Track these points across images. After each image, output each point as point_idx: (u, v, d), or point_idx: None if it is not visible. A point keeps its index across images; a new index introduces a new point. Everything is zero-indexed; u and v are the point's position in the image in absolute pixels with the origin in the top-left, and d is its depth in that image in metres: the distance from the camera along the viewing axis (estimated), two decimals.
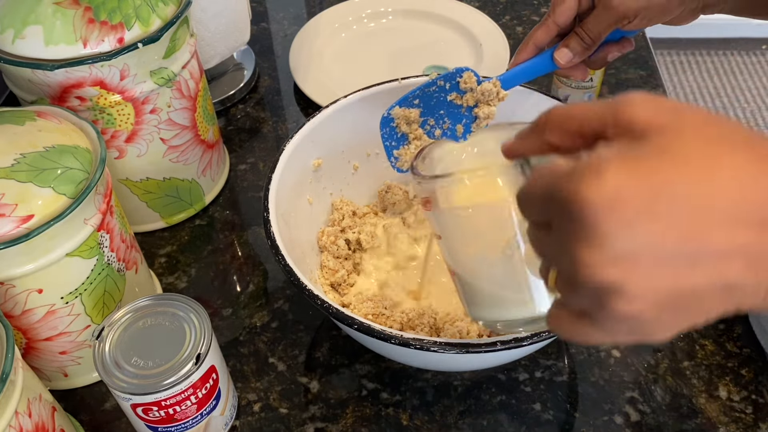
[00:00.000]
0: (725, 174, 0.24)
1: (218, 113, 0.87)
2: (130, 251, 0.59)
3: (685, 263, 0.24)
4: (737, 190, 0.24)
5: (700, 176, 0.24)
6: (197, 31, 0.77)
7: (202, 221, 0.75)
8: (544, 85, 0.89)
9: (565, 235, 0.26)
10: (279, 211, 0.55)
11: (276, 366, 0.62)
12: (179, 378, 0.47)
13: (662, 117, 0.26)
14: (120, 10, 0.58)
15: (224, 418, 0.55)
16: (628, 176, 0.24)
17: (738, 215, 0.24)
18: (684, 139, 0.25)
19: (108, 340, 0.49)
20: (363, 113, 0.64)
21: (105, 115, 0.61)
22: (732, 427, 0.56)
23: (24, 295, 0.51)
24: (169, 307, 0.51)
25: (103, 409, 0.60)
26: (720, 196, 0.24)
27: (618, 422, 0.57)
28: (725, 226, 0.24)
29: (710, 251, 0.24)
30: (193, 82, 0.67)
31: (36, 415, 0.46)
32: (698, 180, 0.24)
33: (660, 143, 0.25)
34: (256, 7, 1.04)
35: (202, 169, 0.73)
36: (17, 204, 0.47)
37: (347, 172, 0.66)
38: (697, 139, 0.25)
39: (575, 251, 0.25)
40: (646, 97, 0.27)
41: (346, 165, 0.66)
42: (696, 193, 0.24)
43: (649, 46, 0.95)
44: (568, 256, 0.26)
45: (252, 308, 0.66)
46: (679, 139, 0.25)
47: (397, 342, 0.45)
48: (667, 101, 0.27)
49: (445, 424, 0.57)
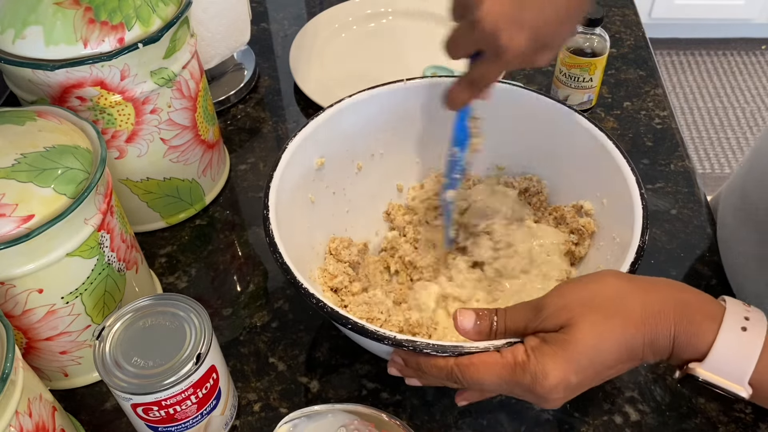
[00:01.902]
0: (606, 342, 0.41)
1: (218, 113, 0.87)
2: (131, 251, 0.59)
3: (594, 382, 0.43)
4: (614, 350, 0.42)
5: (593, 349, 0.41)
6: (197, 31, 0.77)
7: (202, 221, 0.75)
8: (543, 85, 0.89)
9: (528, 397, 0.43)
10: (279, 210, 0.55)
11: (276, 366, 0.62)
12: (179, 378, 0.47)
13: (563, 317, 0.42)
14: (120, 10, 0.58)
15: (224, 417, 0.55)
16: (557, 373, 0.41)
17: (618, 359, 0.42)
18: (580, 327, 0.42)
19: (108, 340, 0.49)
20: (368, 113, 0.64)
21: (105, 115, 0.61)
22: (732, 427, 0.56)
23: (24, 295, 0.51)
24: (169, 307, 0.51)
25: (104, 409, 0.60)
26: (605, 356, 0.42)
27: (618, 422, 0.57)
28: (610, 368, 0.43)
29: (605, 377, 0.44)
30: (194, 82, 0.67)
31: (36, 414, 0.46)
32: (593, 351, 0.41)
33: (565, 337, 0.42)
34: (256, 7, 1.04)
35: (203, 169, 0.73)
36: (18, 204, 0.47)
37: (351, 171, 0.66)
38: (585, 326, 0.41)
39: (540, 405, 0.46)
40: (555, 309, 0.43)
41: (349, 165, 0.66)
42: (592, 363, 0.42)
43: (648, 46, 0.95)
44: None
45: (252, 308, 0.66)
46: (577, 329, 0.42)
47: (390, 343, 0.45)
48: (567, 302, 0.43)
49: (445, 424, 0.57)
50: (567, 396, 0.42)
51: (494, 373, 0.43)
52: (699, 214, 0.73)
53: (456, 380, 0.44)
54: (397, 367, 0.48)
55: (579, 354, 0.41)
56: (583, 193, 0.62)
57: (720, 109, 2.27)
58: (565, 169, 0.64)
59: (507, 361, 0.42)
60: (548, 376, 0.41)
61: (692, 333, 0.41)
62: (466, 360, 0.43)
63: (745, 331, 0.41)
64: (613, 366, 0.42)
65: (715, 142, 2.17)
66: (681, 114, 2.25)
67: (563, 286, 0.45)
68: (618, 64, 0.92)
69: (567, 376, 0.41)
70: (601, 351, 0.41)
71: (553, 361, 0.41)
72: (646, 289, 0.43)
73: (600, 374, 0.42)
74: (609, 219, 0.59)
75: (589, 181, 0.61)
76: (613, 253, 0.55)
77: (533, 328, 0.44)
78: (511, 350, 0.43)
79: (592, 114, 0.85)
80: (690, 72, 2.40)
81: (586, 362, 0.41)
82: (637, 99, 0.87)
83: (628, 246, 0.51)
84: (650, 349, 0.42)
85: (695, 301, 0.43)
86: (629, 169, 0.56)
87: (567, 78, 0.81)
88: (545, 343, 0.42)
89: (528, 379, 0.41)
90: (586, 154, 0.60)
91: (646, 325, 0.42)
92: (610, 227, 0.58)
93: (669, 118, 0.84)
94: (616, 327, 0.42)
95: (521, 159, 0.67)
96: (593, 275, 0.45)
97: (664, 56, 2.45)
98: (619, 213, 0.56)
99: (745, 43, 2.47)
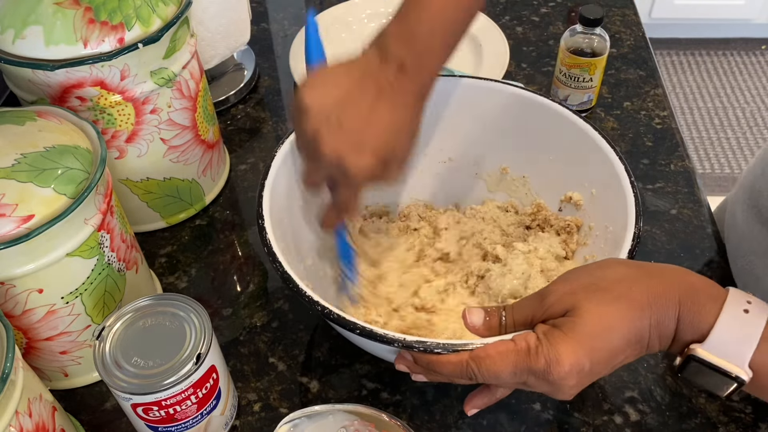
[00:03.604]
0: (613, 322, 0.42)
1: (218, 113, 0.87)
2: (131, 251, 0.59)
3: (606, 370, 0.43)
4: (622, 332, 0.42)
5: (602, 330, 0.41)
6: (197, 31, 0.77)
7: (202, 221, 0.75)
8: (544, 85, 0.89)
9: (543, 387, 0.43)
10: (275, 216, 0.54)
11: (276, 366, 0.62)
12: (179, 378, 0.47)
13: (568, 301, 0.43)
14: (120, 10, 0.58)
15: (224, 417, 0.55)
16: (570, 356, 0.41)
17: (626, 341, 0.42)
18: (587, 308, 0.42)
19: (108, 340, 0.49)
20: None
21: (105, 115, 0.61)
22: (732, 427, 0.56)
23: (24, 294, 0.51)
24: (169, 307, 0.51)
25: (104, 408, 0.60)
26: (613, 336, 0.42)
27: (618, 422, 0.57)
28: (620, 353, 0.42)
29: (616, 363, 0.43)
30: (194, 82, 0.67)
31: (36, 414, 0.46)
32: (601, 331, 0.42)
33: (573, 319, 0.42)
34: (256, 7, 1.04)
35: (203, 169, 0.73)
36: (18, 204, 0.47)
37: None
38: (591, 307, 0.42)
39: (554, 396, 0.44)
40: (560, 295, 0.43)
41: None
42: (603, 346, 0.42)
43: (648, 46, 0.95)
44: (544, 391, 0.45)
45: (252, 308, 0.66)
46: (584, 311, 0.42)
47: (400, 345, 0.45)
48: (572, 287, 0.43)
49: (445, 424, 0.57)
50: (580, 383, 0.42)
51: (510, 361, 0.42)
52: (699, 214, 0.73)
53: (472, 375, 0.44)
54: (406, 364, 0.48)
55: (588, 335, 0.41)
56: (571, 184, 0.62)
57: (720, 109, 2.27)
58: (550, 162, 0.64)
59: (521, 347, 0.42)
60: (561, 360, 0.41)
61: (695, 312, 0.42)
62: (481, 353, 0.43)
63: (747, 313, 0.41)
64: (623, 350, 0.42)
65: (715, 142, 2.17)
66: (681, 114, 2.25)
67: (567, 273, 0.45)
68: (618, 64, 0.92)
69: (580, 359, 0.41)
70: (610, 330, 0.41)
71: (564, 344, 0.41)
72: (651, 274, 0.43)
73: (611, 359, 0.42)
74: (599, 208, 0.59)
75: (576, 171, 0.61)
76: (607, 241, 0.56)
77: (540, 317, 0.44)
78: (524, 337, 0.43)
79: (592, 114, 0.85)
80: (690, 72, 2.40)
81: (597, 343, 0.41)
82: (637, 99, 0.87)
83: (623, 234, 0.51)
84: (656, 332, 0.42)
85: (700, 284, 0.43)
86: (617, 158, 0.56)
87: (567, 78, 0.81)
88: (555, 327, 0.42)
89: (542, 364, 0.41)
90: (570, 144, 0.60)
91: (652, 307, 0.42)
92: (601, 217, 0.58)
93: (669, 118, 0.84)
94: (622, 308, 0.42)
95: (503, 153, 0.67)
96: (598, 263, 0.46)
97: (664, 56, 2.45)
98: (610, 202, 0.56)
99: (745, 43, 2.47)
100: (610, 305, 0.42)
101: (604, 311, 0.42)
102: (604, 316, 0.42)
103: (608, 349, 0.42)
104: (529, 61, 0.93)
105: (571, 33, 0.80)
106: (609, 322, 0.41)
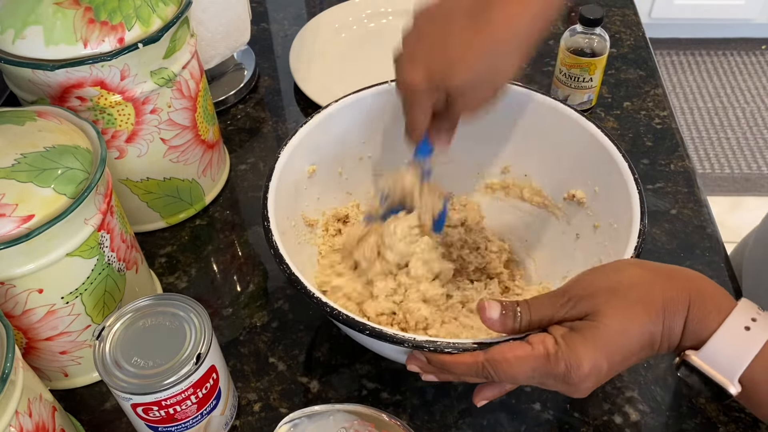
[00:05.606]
0: (632, 327, 0.43)
1: (218, 113, 0.87)
2: (131, 251, 0.59)
3: (620, 370, 0.44)
4: (638, 336, 0.43)
5: (621, 335, 0.42)
6: (197, 31, 0.77)
7: (202, 221, 0.75)
8: (544, 85, 0.89)
9: (560, 387, 0.44)
10: (279, 216, 0.54)
11: (276, 366, 0.62)
12: (179, 378, 0.47)
13: (588, 305, 0.43)
14: (120, 10, 0.58)
15: (224, 417, 0.55)
16: (590, 360, 0.42)
17: (641, 345, 0.43)
18: (606, 313, 0.43)
19: (108, 340, 0.49)
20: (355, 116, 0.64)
21: (105, 115, 0.61)
22: (732, 427, 0.56)
23: (24, 294, 0.51)
24: (169, 307, 0.51)
25: (104, 408, 0.60)
26: (631, 341, 0.43)
27: (618, 422, 0.57)
28: (634, 355, 0.43)
29: (629, 365, 0.44)
30: (194, 82, 0.67)
31: (36, 414, 0.46)
32: (620, 336, 0.43)
33: (593, 323, 0.43)
34: (256, 7, 1.04)
35: (203, 169, 0.73)
36: (18, 204, 0.47)
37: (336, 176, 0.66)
38: (611, 312, 0.43)
39: (570, 395, 0.45)
40: (580, 299, 0.44)
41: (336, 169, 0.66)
42: (620, 350, 0.43)
43: (648, 46, 0.95)
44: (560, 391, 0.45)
45: (252, 308, 0.66)
46: (603, 315, 0.43)
47: (410, 345, 0.45)
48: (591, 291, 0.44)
49: (445, 424, 0.57)
50: (597, 383, 0.43)
51: (528, 365, 0.43)
52: (699, 214, 0.73)
53: (487, 376, 0.44)
54: (419, 365, 0.48)
55: (608, 339, 0.42)
56: (573, 182, 0.62)
57: (720, 109, 2.27)
58: (552, 160, 0.64)
59: (539, 352, 0.43)
60: (581, 364, 0.42)
61: (699, 319, 0.42)
62: (498, 356, 0.44)
63: (748, 330, 0.41)
64: (637, 353, 0.43)
65: (715, 142, 2.17)
66: (681, 114, 2.25)
67: (585, 276, 0.46)
68: (618, 64, 0.92)
69: (599, 362, 0.42)
70: (628, 336, 0.42)
71: (584, 348, 0.42)
72: (666, 277, 0.44)
73: (625, 361, 0.43)
74: (603, 206, 0.59)
75: (579, 169, 0.61)
76: (612, 239, 0.56)
77: (558, 318, 0.44)
78: (542, 341, 0.43)
79: (592, 114, 0.85)
80: (690, 72, 2.40)
81: (615, 347, 0.42)
82: (637, 99, 0.87)
83: (628, 231, 0.51)
84: (667, 335, 0.43)
85: (710, 291, 0.44)
86: (620, 155, 0.56)
87: (567, 78, 0.81)
88: (573, 331, 0.43)
89: (562, 368, 0.42)
90: (572, 142, 0.60)
91: (666, 311, 0.43)
92: (605, 215, 0.58)
93: (669, 118, 0.84)
94: (640, 313, 0.43)
95: (504, 152, 0.67)
96: (613, 264, 0.46)
97: (664, 56, 2.45)
98: (614, 200, 0.56)
99: (745, 43, 2.47)
100: (629, 310, 0.43)
101: (623, 316, 0.43)
102: (624, 321, 0.42)
103: (624, 353, 0.43)
104: (529, 61, 0.93)
105: (571, 33, 0.80)
106: (627, 327, 0.42)
